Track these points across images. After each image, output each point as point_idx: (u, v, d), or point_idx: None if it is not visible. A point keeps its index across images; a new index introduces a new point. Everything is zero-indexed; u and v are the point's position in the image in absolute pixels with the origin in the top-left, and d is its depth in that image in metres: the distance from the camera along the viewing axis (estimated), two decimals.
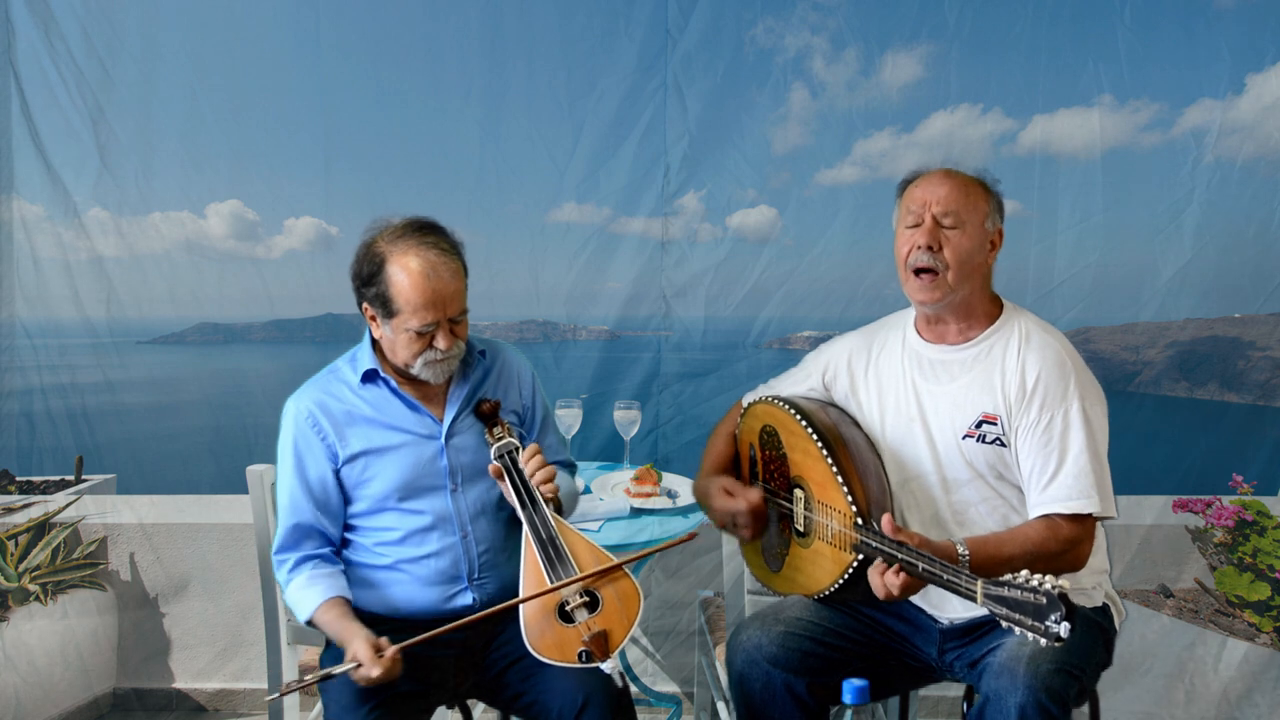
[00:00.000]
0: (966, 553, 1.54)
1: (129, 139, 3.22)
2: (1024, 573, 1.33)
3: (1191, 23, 3.18)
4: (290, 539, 1.77)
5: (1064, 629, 1.27)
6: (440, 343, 1.74)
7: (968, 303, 1.80)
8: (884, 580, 1.52)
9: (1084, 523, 1.64)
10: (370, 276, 1.74)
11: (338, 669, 1.58)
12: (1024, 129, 3.24)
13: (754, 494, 1.89)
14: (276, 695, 1.56)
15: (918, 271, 1.76)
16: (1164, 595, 2.72)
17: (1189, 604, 2.66)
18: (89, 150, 3.20)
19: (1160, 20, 3.17)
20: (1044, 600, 1.29)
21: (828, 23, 3.27)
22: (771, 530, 1.93)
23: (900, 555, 1.50)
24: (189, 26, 3.25)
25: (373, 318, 1.79)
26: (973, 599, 1.38)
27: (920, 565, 1.46)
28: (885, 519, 1.52)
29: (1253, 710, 2.39)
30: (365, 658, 1.55)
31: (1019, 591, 1.32)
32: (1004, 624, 1.35)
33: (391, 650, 1.57)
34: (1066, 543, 1.62)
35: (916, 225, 1.76)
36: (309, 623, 1.72)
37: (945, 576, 1.42)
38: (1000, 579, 1.35)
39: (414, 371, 1.78)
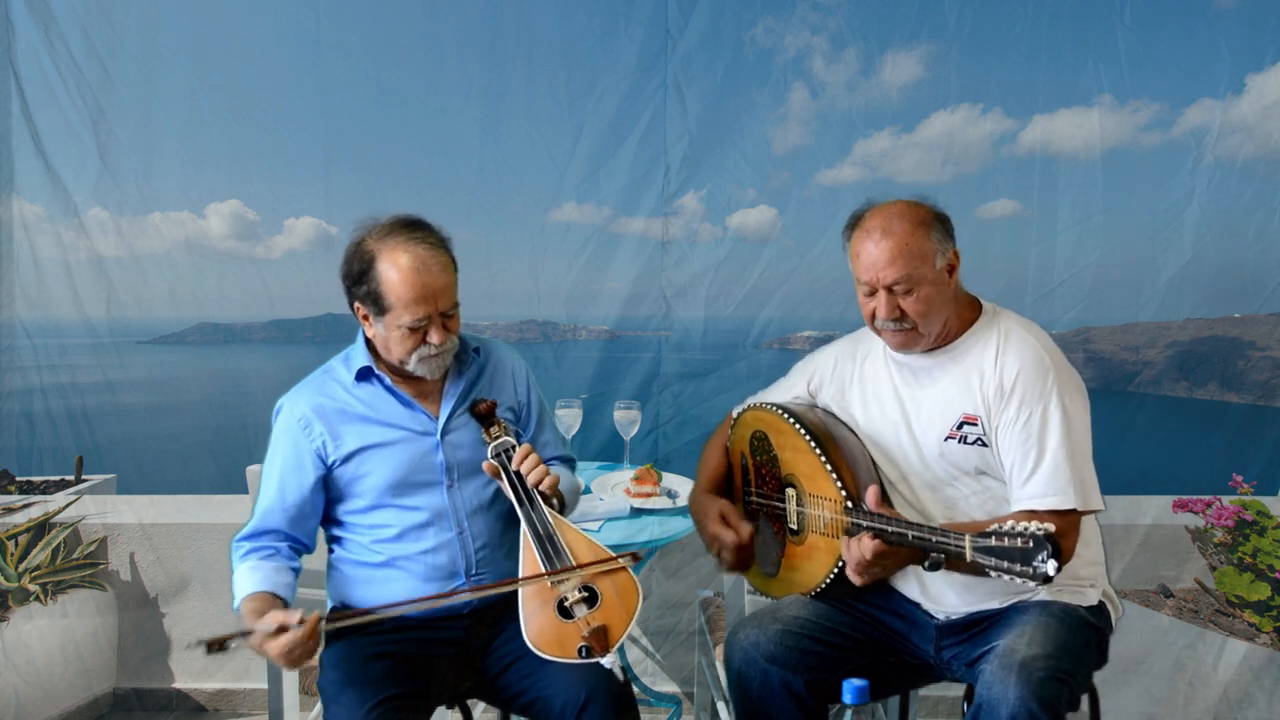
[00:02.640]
0: None
1: (129, 139, 3.23)
2: (1010, 521, 1.37)
3: (1191, 23, 3.18)
4: (255, 533, 1.79)
5: (1051, 567, 1.30)
6: (434, 337, 1.74)
7: (943, 323, 1.81)
8: (859, 547, 1.57)
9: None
10: (360, 275, 1.74)
11: (258, 626, 1.50)
12: (1024, 129, 3.25)
13: (745, 530, 1.91)
14: (197, 643, 1.48)
15: (885, 330, 1.79)
16: (1164, 595, 2.72)
17: (1189, 604, 2.66)
18: (89, 150, 3.20)
19: (1160, 20, 3.17)
20: (1030, 543, 1.32)
21: (828, 23, 3.27)
22: (766, 535, 1.94)
23: (891, 528, 1.54)
24: (189, 26, 3.25)
25: (365, 317, 1.79)
26: (963, 555, 1.42)
27: (910, 534, 1.50)
28: (870, 491, 1.56)
29: (1253, 710, 2.39)
30: (288, 619, 1.49)
31: (1006, 539, 1.35)
32: (994, 574, 1.38)
33: (314, 616, 1.52)
34: None
35: (871, 294, 1.76)
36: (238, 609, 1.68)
37: (935, 539, 1.47)
38: (987, 530, 1.39)
39: (409, 368, 1.79)
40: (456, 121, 3.37)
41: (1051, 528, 1.32)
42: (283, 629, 1.50)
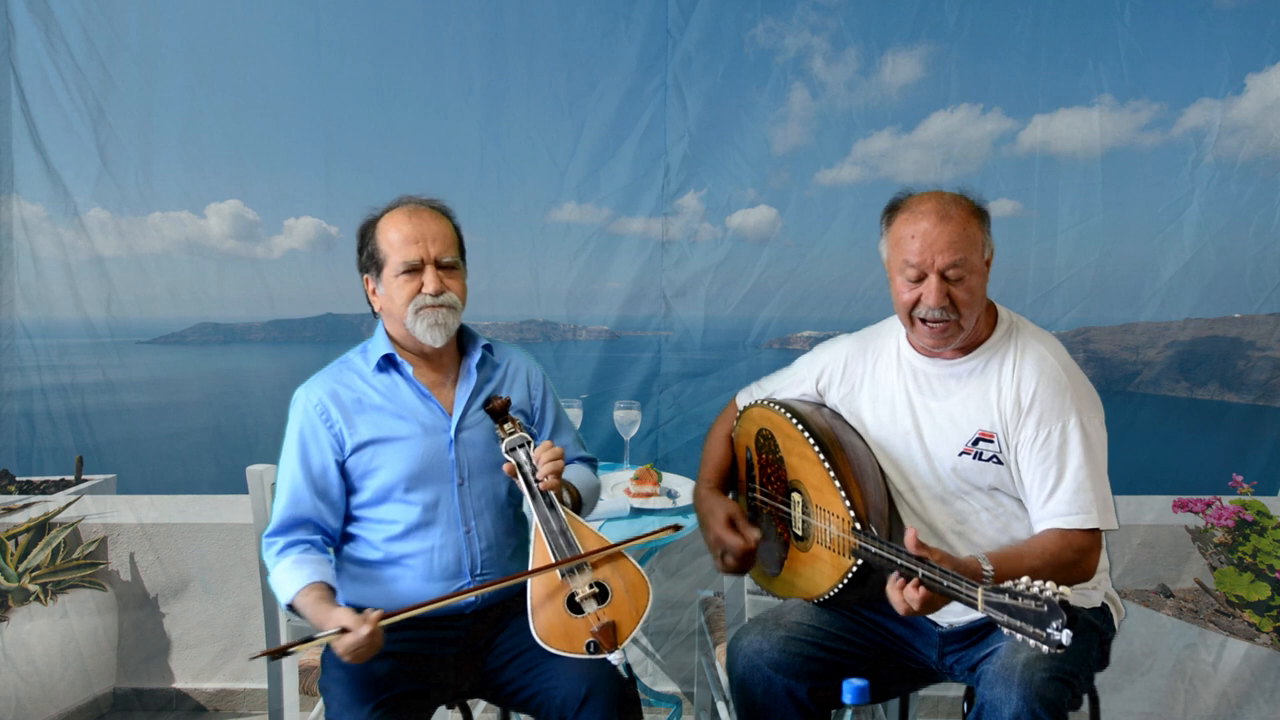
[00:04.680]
0: (991, 568, 1.52)
1: (129, 139, 3.23)
2: (1024, 580, 1.31)
3: (1191, 23, 3.18)
4: (285, 525, 1.77)
5: (1065, 636, 1.25)
6: (429, 284, 1.77)
7: (976, 320, 1.76)
8: (903, 596, 1.48)
9: (1093, 533, 1.64)
10: (364, 245, 1.84)
11: (321, 634, 1.54)
12: (1024, 129, 3.25)
13: (753, 535, 1.85)
14: (261, 654, 1.50)
15: (928, 320, 1.70)
16: (1164, 595, 2.72)
17: (1189, 604, 2.66)
18: (89, 150, 3.21)
19: (1160, 20, 3.17)
20: (1045, 608, 1.27)
21: (828, 23, 3.27)
22: (769, 534, 1.93)
23: (900, 561, 1.48)
24: (189, 26, 3.26)
25: (374, 291, 1.84)
26: (974, 606, 1.36)
27: (920, 571, 1.44)
28: (910, 534, 1.47)
29: (1253, 710, 2.39)
30: (350, 621, 1.52)
31: (1020, 599, 1.30)
32: (1005, 631, 1.33)
33: (375, 614, 1.54)
34: (1079, 552, 1.62)
35: (920, 279, 1.68)
36: (290, 606, 1.69)
37: (945, 583, 1.40)
38: (1000, 586, 1.33)
39: (409, 325, 1.79)
40: (456, 121, 3.37)
41: (1068, 593, 1.27)
42: (344, 630, 1.52)
